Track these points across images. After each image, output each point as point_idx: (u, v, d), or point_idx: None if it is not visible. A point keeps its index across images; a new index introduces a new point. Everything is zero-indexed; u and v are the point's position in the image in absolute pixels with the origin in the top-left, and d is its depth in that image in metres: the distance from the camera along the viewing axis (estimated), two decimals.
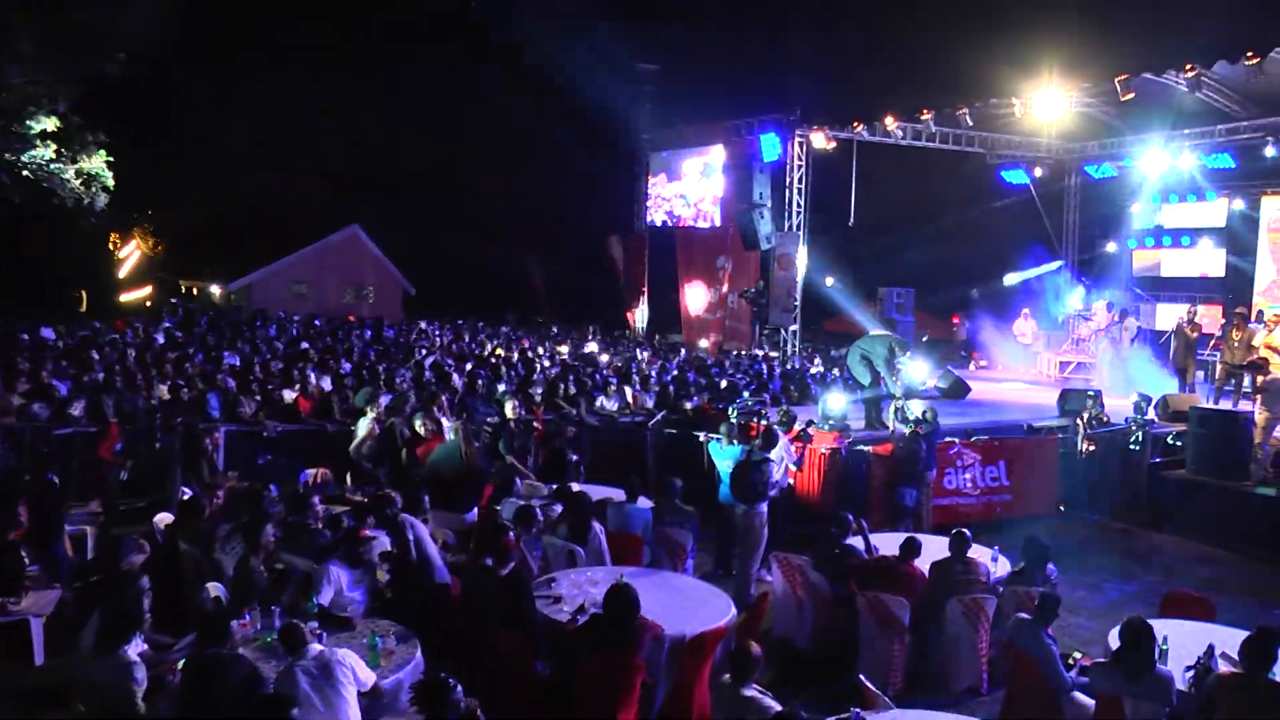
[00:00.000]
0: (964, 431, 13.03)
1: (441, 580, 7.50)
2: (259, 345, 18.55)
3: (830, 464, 11.76)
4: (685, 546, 9.13)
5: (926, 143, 21.15)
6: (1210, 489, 12.85)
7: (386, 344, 20.04)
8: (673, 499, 9.27)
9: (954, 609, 7.70)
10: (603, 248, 29.63)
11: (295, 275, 34.65)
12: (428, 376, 14.91)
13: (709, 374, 17.11)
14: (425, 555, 7.47)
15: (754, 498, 9.57)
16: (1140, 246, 23.36)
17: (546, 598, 7.18)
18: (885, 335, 13.18)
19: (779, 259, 22.04)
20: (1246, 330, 14.78)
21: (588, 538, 8.33)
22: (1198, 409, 13.62)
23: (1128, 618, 6.06)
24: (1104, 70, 14.93)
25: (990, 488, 12.57)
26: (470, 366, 16.98)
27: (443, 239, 33.65)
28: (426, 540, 7.66)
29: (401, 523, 7.63)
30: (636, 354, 20.55)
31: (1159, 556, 12.08)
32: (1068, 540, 12.37)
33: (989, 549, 8.65)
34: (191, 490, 9.71)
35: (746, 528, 9.66)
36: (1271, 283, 20.90)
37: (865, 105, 19.71)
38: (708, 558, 10.68)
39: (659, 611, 7.00)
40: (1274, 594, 10.73)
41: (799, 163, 21.66)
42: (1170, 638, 6.67)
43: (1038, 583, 7.83)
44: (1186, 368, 15.45)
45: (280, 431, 12.55)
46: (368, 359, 17.01)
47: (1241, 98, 17.81)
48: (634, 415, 14.19)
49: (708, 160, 25.40)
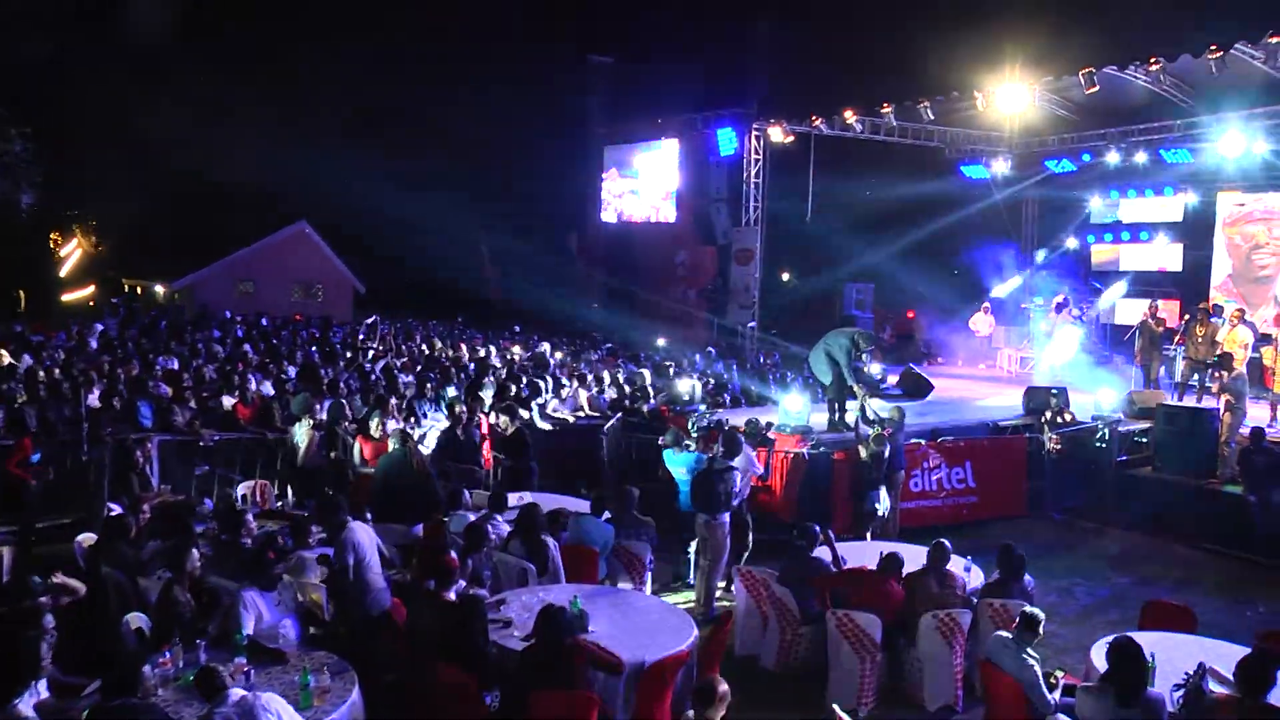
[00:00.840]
0: (929, 432, 12.70)
1: (379, 608, 6.96)
2: (198, 348, 17.75)
3: (793, 468, 11.36)
4: (644, 559, 8.70)
5: (885, 137, 20.89)
6: (1177, 487, 12.69)
7: (333, 345, 19.27)
8: (631, 510, 8.81)
9: (929, 625, 7.31)
10: (561, 243, 29.11)
11: (241, 273, 33.71)
12: (375, 378, 14.31)
13: (667, 374, 16.64)
14: (362, 578, 6.93)
15: (716, 507, 9.13)
16: (1099, 241, 23.32)
17: (496, 622, 6.69)
18: (849, 330, 12.74)
19: (737, 254, 21.70)
20: (1210, 325, 14.60)
21: (540, 553, 7.83)
22: (1164, 406, 13.42)
23: (1116, 638, 5.68)
24: (1068, 64, 14.71)
25: (957, 490, 12.25)
26: (420, 368, 16.39)
27: (393, 234, 32.91)
28: (368, 558, 7.12)
29: (343, 541, 7.10)
30: (592, 354, 20.01)
31: (1129, 557, 11.87)
32: (1036, 542, 12.15)
33: (962, 559, 8.29)
34: (120, 507, 9.07)
35: (708, 538, 9.22)
36: (1227, 277, 20.93)
37: (824, 99, 19.40)
38: (666, 567, 10.26)
39: (616, 635, 6.58)
40: (1245, 594, 10.61)
41: (756, 157, 21.32)
42: (1154, 654, 6.30)
43: (1014, 594, 7.49)
44: (1151, 363, 15.24)
45: (217, 441, 11.88)
46: (312, 361, 16.31)
47: (1195, 92, 17.79)
48: (589, 419, 13.69)
49: (660, 154, 24.96)
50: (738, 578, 8.25)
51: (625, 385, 15.18)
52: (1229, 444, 12.50)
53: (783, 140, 20.84)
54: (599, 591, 7.59)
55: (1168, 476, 12.86)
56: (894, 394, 15.88)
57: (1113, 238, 22.95)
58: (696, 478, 9.33)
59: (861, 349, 12.09)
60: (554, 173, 30.27)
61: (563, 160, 29.19)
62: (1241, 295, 20.25)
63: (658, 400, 13.96)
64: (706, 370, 17.10)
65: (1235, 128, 17.32)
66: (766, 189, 21.49)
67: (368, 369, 15.77)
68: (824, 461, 11.45)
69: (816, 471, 11.41)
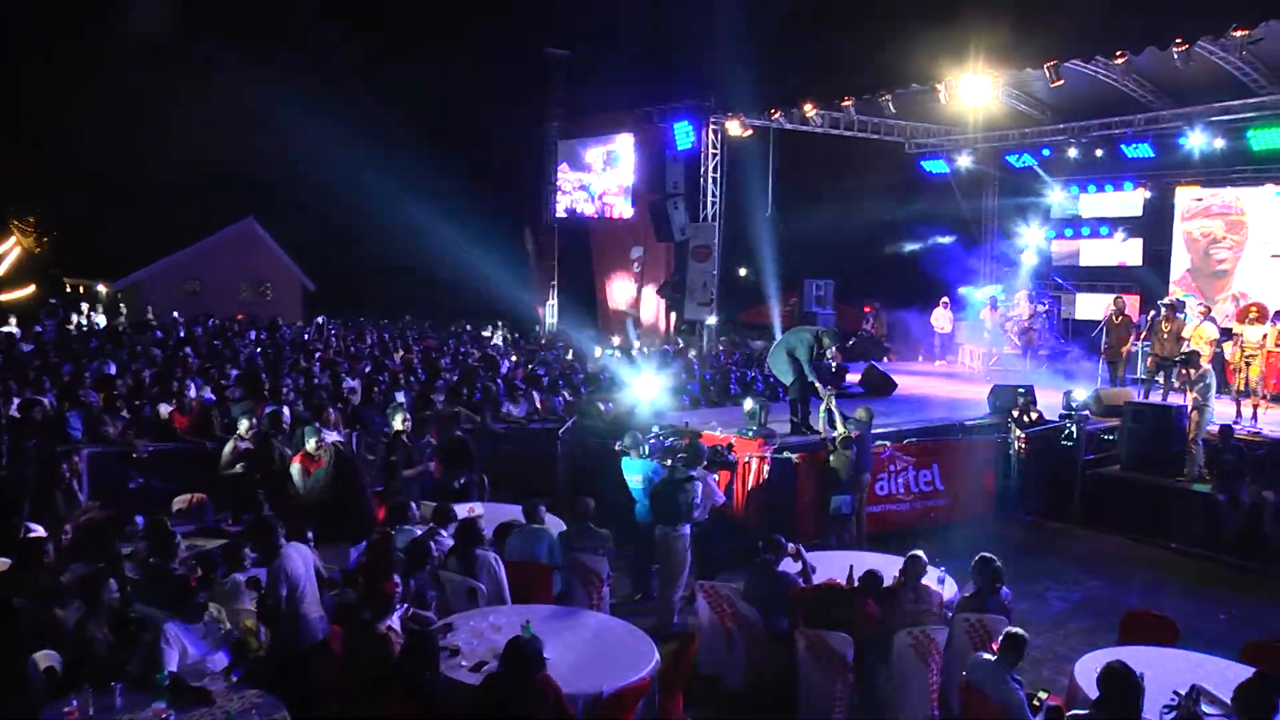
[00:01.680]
0: (895, 433, 12.34)
1: (314, 638, 6.45)
2: (136, 351, 16.97)
3: (755, 474, 10.96)
4: (601, 574, 8.21)
5: (845, 131, 20.58)
6: (1145, 486, 12.53)
7: (279, 347, 18.51)
8: (585, 521, 8.34)
9: (903, 642, 6.92)
10: (516, 239, 28.52)
11: (187, 272, 32.74)
12: (319, 383, 13.71)
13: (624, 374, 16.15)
14: (297, 609, 6.41)
15: (676, 519, 8.70)
16: (1059, 236, 23.24)
17: (443, 650, 6.21)
18: (812, 328, 12.32)
19: (695, 250, 21.31)
20: (1176, 321, 14.46)
21: (480, 571, 7.35)
22: (1132, 404, 13.22)
23: (1109, 664, 5.30)
24: (1032, 56, 14.43)
25: (924, 493, 11.92)
26: (369, 370, 15.78)
27: (344, 231, 32.16)
28: (304, 586, 6.60)
29: (276, 570, 6.56)
30: (546, 355, 19.47)
31: (1099, 559, 11.68)
32: (1005, 544, 11.77)
33: (936, 569, 7.93)
34: (43, 527, 8.43)
35: (668, 551, 8.79)
36: (1186, 271, 20.93)
37: (783, 92, 18.97)
38: (625, 579, 9.83)
39: (572, 661, 6.14)
40: (1216, 596, 10.44)
41: (714, 151, 20.94)
42: (1143, 673, 5.96)
43: (990, 608, 7.15)
44: (1117, 360, 15.03)
45: (151, 452, 11.24)
46: (255, 365, 15.63)
47: (1155, 88, 17.71)
48: (543, 421, 13.19)
49: (612, 149, 24.49)
50: (700, 594, 7.81)
51: (581, 387, 14.70)
52: (1196, 442, 12.31)
53: (741, 134, 20.45)
54: (553, 613, 7.13)
55: (1135, 476, 12.68)
56: (856, 392, 15.56)
57: (1073, 232, 22.89)
58: (656, 487, 8.91)
59: (825, 347, 11.64)
60: (509, 167, 29.67)
61: (517, 155, 28.58)
62: (1200, 290, 20.27)
63: (614, 403, 13.49)
64: (664, 369, 16.65)
65: (1195, 123, 17.23)
66: (725, 184, 21.12)
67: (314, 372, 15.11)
68: (787, 466, 11.04)
69: (779, 476, 10.99)
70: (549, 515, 9.25)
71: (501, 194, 30.13)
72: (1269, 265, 19.61)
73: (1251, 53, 14.74)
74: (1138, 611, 7.55)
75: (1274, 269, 19.49)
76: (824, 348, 11.54)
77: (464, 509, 9.47)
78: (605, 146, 24.68)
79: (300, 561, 6.66)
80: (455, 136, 31.45)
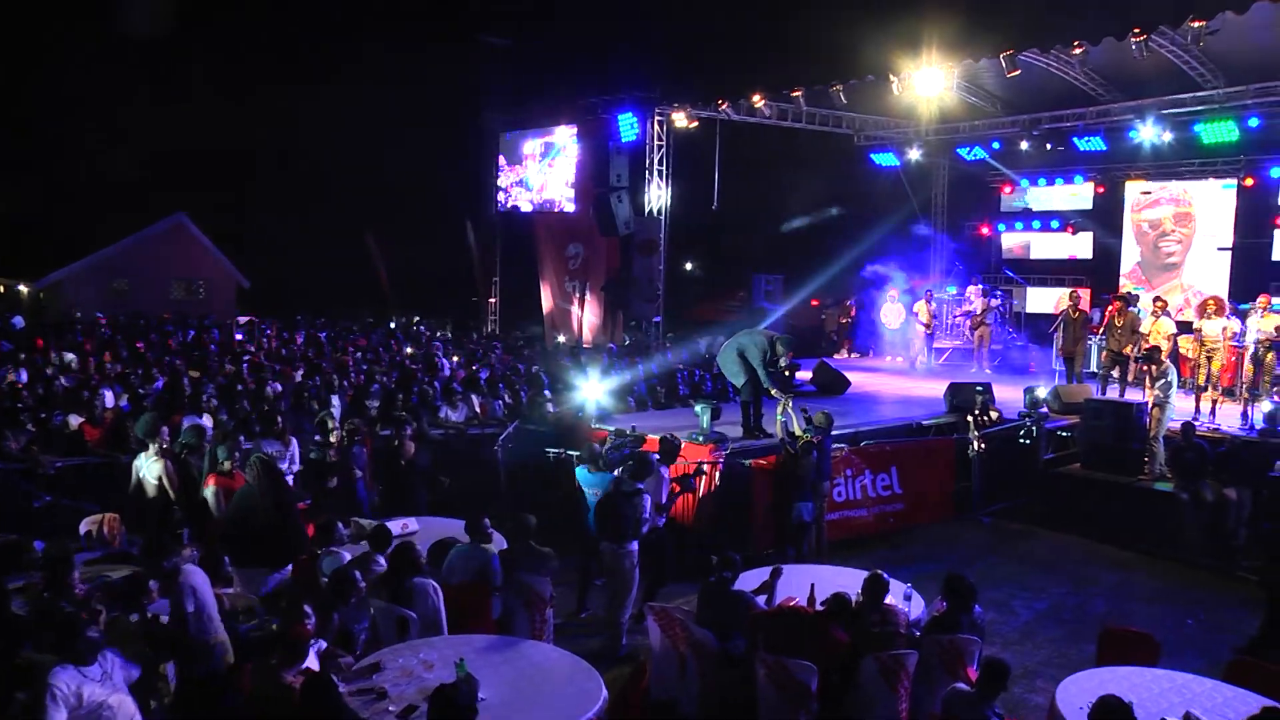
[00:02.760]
0: (851, 436, 11.87)
1: (217, 666, 5.76)
2: (50, 356, 15.95)
3: (707, 481, 10.41)
4: (544, 596, 7.59)
5: (794, 123, 20.16)
6: (1106, 485, 12.24)
7: (206, 350, 17.51)
8: (527, 540, 7.71)
9: (870, 668, 6.39)
10: (458, 234, 27.71)
11: (114, 270, 31.42)
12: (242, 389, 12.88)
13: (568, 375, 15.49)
14: (203, 630, 5.73)
15: (623, 535, 8.11)
16: (1009, 229, 23.08)
17: (368, 693, 5.56)
18: (764, 331, 11.77)
19: (640, 245, 20.75)
20: (1128, 315, 14.21)
21: (415, 599, 6.70)
22: (1091, 401, 12.90)
23: (1103, 698, 4.82)
24: (989, 46, 14.06)
25: (882, 497, 11.44)
26: (302, 374, 14.95)
27: (279, 225, 31.10)
28: (209, 604, 5.92)
29: (181, 585, 5.88)
30: (489, 354, 18.73)
31: (1062, 561, 11.33)
32: (965, 548, 11.66)
33: (901, 584, 7.44)
34: None
35: (615, 570, 8.20)
36: (1136, 264, 20.94)
37: (731, 82, 18.42)
38: (571, 593, 9.22)
39: (513, 702, 5.53)
40: (1182, 600, 10.13)
41: (659, 143, 20.41)
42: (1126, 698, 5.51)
43: (963, 628, 6.65)
44: (1074, 356, 14.72)
45: (59, 467, 10.36)
46: (176, 369, 14.70)
47: (1106, 81, 17.62)
48: (483, 427, 12.51)
49: (550, 140, 23.83)
50: (650, 615, 7.22)
51: (523, 389, 14.04)
52: (1158, 439, 12.04)
53: (687, 126, 19.95)
54: (491, 645, 6.49)
55: (1096, 474, 12.38)
56: (808, 390, 15.10)
57: (1023, 226, 22.76)
58: (601, 502, 8.31)
59: (779, 353, 11.12)
60: (448, 161, 28.84)
61: (457, 148, 27.78)
62: (1149, 283, 20.26)
63: (559, 405, 12.87)
64: (608, 370, 16.04)
65: (1145, 116, 17.23)
66: (670, 177, 20.59)
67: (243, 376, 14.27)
68: (741, 472, 10.50)
69: (733, 483, 10.45)
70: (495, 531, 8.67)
71: (442, 188, 29.30)
72: (1216, 258, 19.65)
73: (1201, 48, 14.75)
74: (1115, 628, 7.11)
75: (1221, 261, 19.50)
76: (778, 354, 11.03)
77: (397, 525, 8.83)
78: (543, 139, 23.99)
79: (203, 579, 6.00)
80: (395, 128, 30.55)
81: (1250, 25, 12.96)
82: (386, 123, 30.49)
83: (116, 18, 28.20)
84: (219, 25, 32.61)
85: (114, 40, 29.16)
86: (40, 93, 30.36)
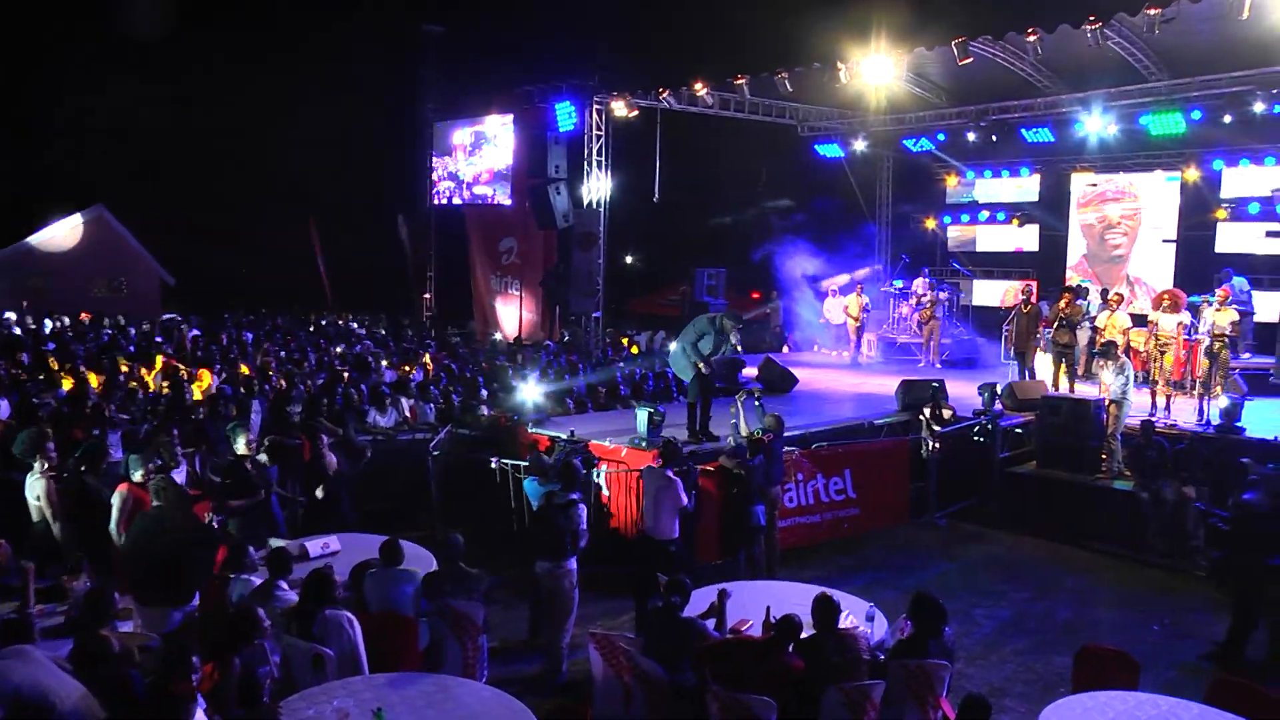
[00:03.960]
0: (802, 437, 11.32)
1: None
2: None
3: None
4: (476, 621, 6.90)
5: (736, 113, 19.61)
6: (1064, 484, 11.88)
7: (116, 353, 16.36)
8: (456, 562, 7.02)
9: (833, 700, 5.81)
10: (391, 228, 26.77)
11: (29, 266, 29.85)
12: (154, 396, 11.97)
13: (504, 376, 14.75)
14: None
15: (561, 552, 7.45)
16: (955, 221, 22.82)
17: None
18: (711, 315, 11.05)
19: (578, 239, 20.08)
20: (1076, 308, 13.91)
21: (329, 635, 5.98)
22: (1048, 397, 12.53)
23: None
24: (940, 33, 13.63)
25: (836, 502, 10.89)
26: (223, 378, 14.04)
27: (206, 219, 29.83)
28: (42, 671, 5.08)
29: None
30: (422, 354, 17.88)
31: (1021, 565, 10.97)
32: (922, 553, 11.25)
33: (864, 603, 6.88)
34: None
35: (553, 590, 7.53)
36: (1082, 257, 20.79)
37: (672, 69, 17.80)
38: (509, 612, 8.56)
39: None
40: (1145, 604, 9.79)
41: (598, 133, 19.75)
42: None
43: (932, 653, 6.09)
44: (1027, 351, 14.35)
45: None
46: (80, 374, 13.63)
47: (1052, 72, 17.37)
48: (414, 432, 11.73)
49: (481, 129, 23.04)
50: (591, 643, 6.56)
51: (455, 391, 13.29)
52: (1115, 437, 11.69)
53: (627, 115, 19.31)
54: (416, 686, 5.79)
55: (1053, 473, 12.01)
56: (754, 388, 14.51)
57: (969, 218, 22.50)
58: (533, 518, 7.65)
59: (726, 330, 10.52)
60: (381, 152, 27.84)
61: (390, 138, 26.81)
62: (1096, 275, 20.14)
63: (494, 408, 12.16)
64: (546, 370, 15.34)
65: (1093, 107, 17.02)
66: (610, 168, 19.94)
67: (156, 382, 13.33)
68: (688, 478, 9.86)
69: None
70: (420, 548, 7.96)
71: (375, 181, 28.31)
72: (1162, 250, 19.55)
73: (1148, 41, 14.74)
74: (1092, 647, 6.61)
75: (1167, 254, 19.40)
76: (725, 330, 10.42)
77: (317, 544, 8.09)
78: (473, 128, 23.18)
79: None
80: (329, 117, 29.39)
81: (1193, 19, 12.89)
82: (321, 112, 29.32)
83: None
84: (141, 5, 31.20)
85: (31, 17, 27.78)
86: None
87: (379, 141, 28.21)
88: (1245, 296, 15.08)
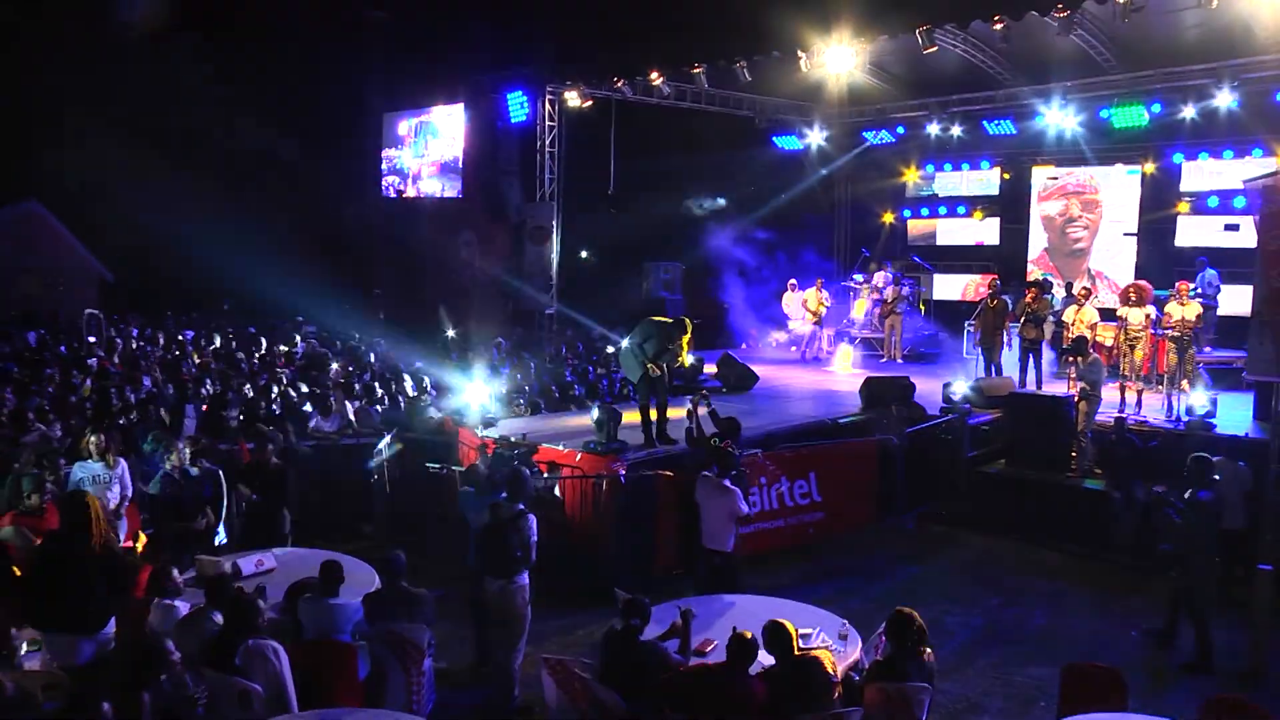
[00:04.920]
0: (765, 438, 10.86)
1: None
2: None
3: (608, 496, 9.28)
4: (421, 645, 6.37)
5: (693, 103, 19.17)
6: (1033, 483, 11.60)
7: (46, 354, 15.54)
8: (398, 581, 6.48)
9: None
10: (336, 224, 25.96)
11: None
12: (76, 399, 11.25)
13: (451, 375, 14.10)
14: None
15: (511, 568, 6.92)
16: (915, 215, 22.53)
17: None
18: (660, 318, 10.47)
19: (531, 232, 19.57)
20: (1042, 302, 13.60)
21: (253, 668, 5.42)
22: (1016, 395, 12.21)
23: None
24: (904, 21, 13.27)
25: (800, 506, 10.43)
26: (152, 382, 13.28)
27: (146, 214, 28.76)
28: None
29: None
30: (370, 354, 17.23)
31: (992, 568, 10.67)
32: (890, 556, 10.91)
33: (835, 619, 6.45)
34: None
35: (505, 609, 6.99)
36: (1043, 251, 20.60)
37: (627, 58, 17.28)
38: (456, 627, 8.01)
39: None
40: (1120, 607, 9.52)
41: (551, 124, 19.21)
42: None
43: (912, 675, 5.65)
44: (993, 346, 14.01)
45: None
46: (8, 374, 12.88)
47: (1012, 65, 17.22)
48: (358, 436, 11.10)
49: (426, 120, 22.41)
50: (544, 669, 6.06)
51: (401, 393, 12.68)
52: (1086, 434, 11.38)
53: (580, 106, 18.81)
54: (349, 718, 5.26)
55: (1022, 472, 11.72)
56: (713, 386, 14.07)
57: (929, 211, 22.22)
58: (483, 531, 7.11)
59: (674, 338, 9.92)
60: (327, 144, 26.99)
61: (337, 129, 25.99)
62: (1057, 269, 19.99)
63: (442, 410, 11.58)
64: (497, 368, 14.77)
65: (1053, 100, 16.93)
66: (563, 160, 19.42)
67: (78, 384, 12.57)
68: (645, 485, 9.39)
69: (635, 498, 9.33)
70: (361, 563, 7.40)
71: (321, 174, 27.46)
72: (1123, 243, 19.41)
73: (1108, 33, 14.75)
74: (1079, 665, 6.20)
75: (1128, 247, 19.25)
76: (674, 340, 9.81)
77: (251, 562, 7.49)
78: (418, 119, 22.55)
79: None
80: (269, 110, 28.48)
81: (1152, 11, 12.82)
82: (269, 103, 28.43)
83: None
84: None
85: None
86: None
87: (325, 132, 27.38)
88: (1213, 290, 14.90)
